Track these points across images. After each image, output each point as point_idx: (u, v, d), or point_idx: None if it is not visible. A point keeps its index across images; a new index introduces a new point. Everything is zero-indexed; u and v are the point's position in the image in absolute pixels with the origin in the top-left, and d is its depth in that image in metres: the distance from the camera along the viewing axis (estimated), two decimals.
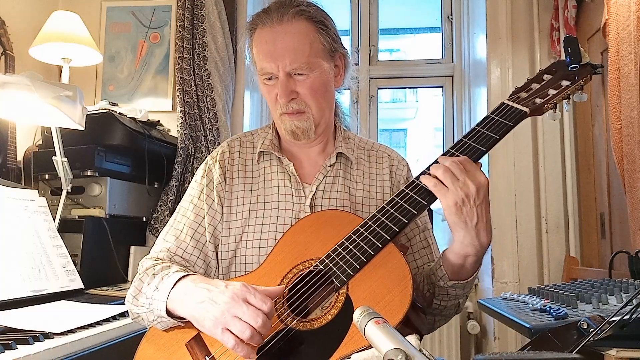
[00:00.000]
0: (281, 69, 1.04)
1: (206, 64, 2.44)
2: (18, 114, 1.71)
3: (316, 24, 1.07)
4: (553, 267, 2.32)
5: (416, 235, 1.15)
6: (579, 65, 0.99)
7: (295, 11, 1.05)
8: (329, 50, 1.09)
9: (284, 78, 1.04)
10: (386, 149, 1.23)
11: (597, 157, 2.16)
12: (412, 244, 1.14)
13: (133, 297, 1.01)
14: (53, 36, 2.10)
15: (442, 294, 0.99)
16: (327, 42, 1.08)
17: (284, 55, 1.03)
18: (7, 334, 1.11)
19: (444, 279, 0.96)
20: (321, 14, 1.10)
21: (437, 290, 0.99)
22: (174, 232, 1.11)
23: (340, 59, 1.14)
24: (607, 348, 0.88)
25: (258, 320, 0.82)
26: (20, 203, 1.56)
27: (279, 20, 1.05)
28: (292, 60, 1.03)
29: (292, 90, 1.05)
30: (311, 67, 1.05)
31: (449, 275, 0.96)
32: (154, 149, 2.19)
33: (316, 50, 1.06)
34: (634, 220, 1.65)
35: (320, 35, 1.07)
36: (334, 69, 1.12)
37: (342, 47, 1.14)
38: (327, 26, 1.09)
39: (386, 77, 2.92)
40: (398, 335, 0.56)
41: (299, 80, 1.05)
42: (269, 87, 1.08)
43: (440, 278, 0.97)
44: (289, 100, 1.05)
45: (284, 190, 1.11)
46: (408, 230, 1.13)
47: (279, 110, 1.08)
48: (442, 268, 0.96)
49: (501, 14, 2.46)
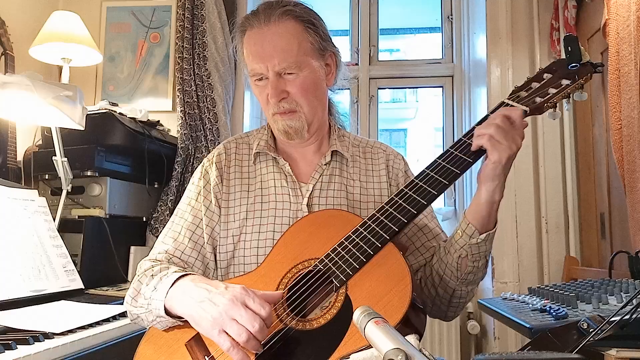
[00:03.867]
0: (270, 69, 1.05)
1: (206, 64, 2.44)
2: (18, 114, 1.71)
3: (304, 23, 1.08)
4: (553, 267, 2.31)
5: (428, 223, 1.14)
6: (579, 64, 0.99)
7: (282, 11, 1.06)
8: (318, 49, 1.09)
9: (274, 78, 1.05)
10: (381, 145, 1.23)
11: (597, 157, 2.16)
12: (425, 232, 1.14)
13: (132, 299, 1.01)
14: (53, 36, 2.10)
15: (475, 253, 0.98)
16: (315, 41, 1.08)
17: (272, 55, 1.04)
18: (7, 334, 1.11)
19: (475, 235, 0.96)
20: (309, 13, 1.10)
21: (469, 251, 0.98)
22: (172, 234, 1.11)
23: (331, 58, 1.14)
24: (607, 348, 0.88)
25: (255, 325, 0.82)
26: (20, 203, 1.56)
27: (266, 21, 1.05)
28: (281, 60, 1.04)
29: (282, 89, 1.06)
30: (300, 66, 1.05)
31: (480, 229, 0.96)
32: (154, 149, 2.19)
33: (305, 49, 1.06)
34: (634, 220, 1.65)
35: (308, 34, 1.07)
36: (324, 68, 1.12)
37: (333, 45, 1.14)
38: (315, 25, 1.09)
39: (386, 77, 2.92)
40: (398, 335, 0.56)
41: (289, 80, 1.06)
42: (260, 88, 1.09)
43: (471, 236, 0.96)
44: (279, 99, 1.06)
45: (281, 190, 1.11)
46: (417, 220, 1.13)
47: (271, 110, 1.09)
48: (470, 225, 0.96)
49: (501, 14, 2.46)
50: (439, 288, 1.06)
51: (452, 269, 1.01)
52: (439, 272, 1.05)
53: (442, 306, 1.09)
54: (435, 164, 0.97)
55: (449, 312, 1.11)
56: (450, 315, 1.12)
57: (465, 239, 0.97)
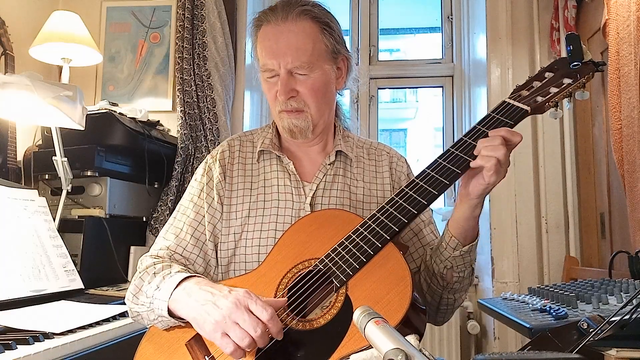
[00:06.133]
0: (282, 67, 1.04)
1: (206, 64, 2.44)
2: (18, 114, 1.71)
3: (320, 24, 1.08)
4: (553, 267, 2.31)
5: (423, 229, 1.15)
6: (581, 62, 0.99)
7: (301, 10, 1.06)
8: (331, 51, 1.09)
9: (285, 75, 1.05)
10: (385, 147, 1.24)
11: (597, 157, 2.16)
12: (419, 237, 1.14)
13: (133, 296, 1.01)
14: (53, 36, 2.10)
15: (459, 264, 1.00)
16: (330, 44, 1.08)
17: (285, 52, 1.04)
18: (7, 334, 1.11)
19: (458, 248, 0.98)
20: (326, 15, 1.10)
21: (454, 263, 0.99)
22: (174, 230, 1.11)
23: (343, 62, 1.15)
24: (607, 348, 0.88)
25: (257, 330, 0.82)
26: (20, 203, 1.56)
27: (284, 18, 1.05)
28: (294, 58, 1.04)
29: (292, 88, 1.06)
30: (312, 67, 1.05)
31: (462, 241, 0.97)
32: (154, 149, 2.19)
33: (319, 50, 1.07)
34: (634, 220, 1.65)
35: (323, 36, 1.08)
36: (335, 71, 1.12)
37: (346, 50, 1.14)
38: (331, 28, 1.09)
39: (386, 77, 2.92)
40: (398, 335, 0.56)
41: (300, 79, 1.06)
42: (270, 84, 1.09)
43: (454, 248, 0.98)
44: (288, 97, 1.06)
45: (284, 189, 1.11)
46: (414, 225, 1.14)
47: (278, 107, 1.08)
48: (453, 239, 0.98)
49: (501, 14, 2.46)
50: (427, 295, 1.08)
51: (438, 278, 1.03)
52: (426, 280, 1.07)
53: (431, 312, 1.11)
54: (435, 164, 0.97)
55: (437, 317, 1.13)
56: (440, 321, 1.14)
57: (449, 251, 0.99)
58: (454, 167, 0.94)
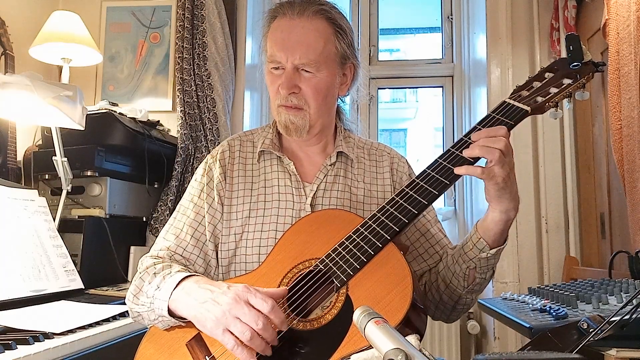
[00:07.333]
0: (290, 61, 1.05)
1: (206, 64, 2.44)
2: (18, 114, 1.71)
3: (335, 27, 1.08)
4: (553, 267, 2.31)
5: (430, 229, 1.15)
6: (581, 63, 0.99)
7: (318, 9, 1.07)
8: (341, 56, 1.10)
9: (291, 70, 1.05)
10: (385, 147, 1.24)
11: (597, 157, 2.16)
12: (427, 237, 1.14)
13: (134, 296, 1.01)
14: (53, 36, 2.10)
15: (483, 266, 1.00)
16: (341, 48, 1.09)
17: (295, 47, 1.04)
18: (7, 334, 1.11)
19: (485, 250, 0.97)
20: (342, 20, 1.10)
21: (479, 264, 0.99)
22: (174, 230, 1.11)
23: (350, 69, 1.15)
24: (607, 348, 0.88)
25: (259, 323, 0.82)
26: (20, 203, 1.56)
27: (300, 13, 1.06)
28: (303, 54, 1.04)
29: (295, 84, 1.06)
30: (319, 67, 1.05)
31: (490, 244, 0.97)
32: (154, 149, 2.19)
33: (328, 51, 1.07)
34: (634, 220, 1.65)
35: (336, 38, 1.08)
36: (341, 77, 1.13)
37: (355, 58, 1.15)
38: (345, 32, 1.10)
39: (386, 77, 2.92)
40: (398, 336, 0.56)
41: (305, 77, 1.06)
42: (274, 77, 1.08)
43: (481, 250, 0.98)
44: (289, 92, 1.06)
45: (285, 190, 1.11)
46: (420, 225, 1.14)
47: (278, 101, 1.08)
48: (481, 240, 0.97)
49: (501, 14, 2.46)
50: (444, 294, 1.07)
51: (460, 279, 1.03)
52: (445, 280, 1.06)
53: (446, 310, 1.11)
54: (436, 164, 0.97)
55: (452, 315, 1.13)
56: (453, 319, 1.14)
57: (475, 252, 0.99)
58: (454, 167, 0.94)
